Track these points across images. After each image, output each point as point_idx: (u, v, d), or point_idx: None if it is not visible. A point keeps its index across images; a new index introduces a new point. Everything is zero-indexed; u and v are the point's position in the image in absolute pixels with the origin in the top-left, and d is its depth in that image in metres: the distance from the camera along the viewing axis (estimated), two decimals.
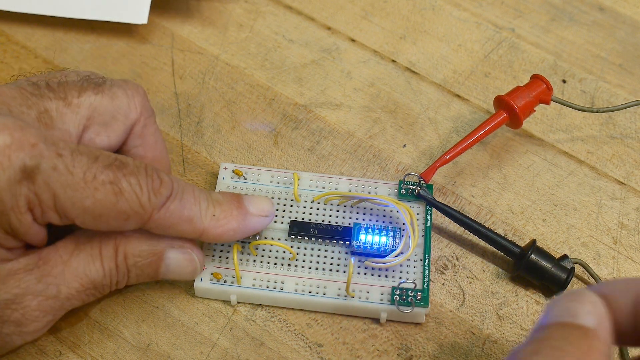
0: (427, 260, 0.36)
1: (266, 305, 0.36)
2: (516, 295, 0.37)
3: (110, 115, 0.33)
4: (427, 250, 0.36)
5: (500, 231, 0.39)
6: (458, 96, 0.44)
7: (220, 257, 0.36)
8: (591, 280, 0.37)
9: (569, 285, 0.36)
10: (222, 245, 0.36)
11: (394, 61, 0.45)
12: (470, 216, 0.37)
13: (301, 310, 0.36)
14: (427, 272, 0.36)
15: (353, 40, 0.46)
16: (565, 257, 0.36)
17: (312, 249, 0.37)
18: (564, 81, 0.45)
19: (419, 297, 0.35)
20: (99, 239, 0.32)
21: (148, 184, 0.31)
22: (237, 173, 0.39)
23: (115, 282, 0.33)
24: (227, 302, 0.36)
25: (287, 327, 0.35)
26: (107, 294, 0.35)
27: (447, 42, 0.46)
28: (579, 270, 0.37)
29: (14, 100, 0.31)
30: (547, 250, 0.37)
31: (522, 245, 0.37)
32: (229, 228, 0.33)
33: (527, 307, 0.36)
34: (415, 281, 0.35)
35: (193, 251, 0.34)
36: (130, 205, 0.30)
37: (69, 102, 0.32)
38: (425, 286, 0.35)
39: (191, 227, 0.32)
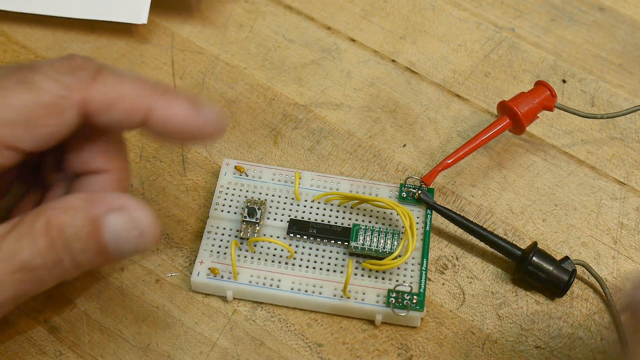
0: (425, 264, 0.36)
1: (266, 305, 0.36)
2: (516, 295, 0.37)
3: None
4: (425, 254, 0.36)
5: (500, 231, 0.39)
6: (458, 96, 0.44)
7: (218, 252, 0.36)
8: (592, 280, 0.37)
9: (570, 287, 0.36)
10: (221, 240, 0.37)
11: (394, 61, 0.45)
12: (470, 218, 0.37)
13: (301, 310, 0.36)
14: (424, 276, 0.36)
15: (353, 40, 0.46)
16: (566, 258, 0.36)
17: (311, 248, 0.37)
18: (564, 81, 0.45)
19: (414, 301, 0.35)
20: (31, 216, 0.28)
21: (66, 64, 0.28)
22: (238, 169, 0.39)
23: (56, 262, 0.28)
24: (227, 302, 0.36)
25: (287, 327, 0.35)
26: (81, 281, 0.33)
27: (447, 42, 0.46)
28: (580, 271, 0.37)
29: None
30: (548, 251, 0.37)
31: (523, 247, 0.37)
32: (181, 113, 0.29)
33: (527, 307, 0.36)
34: (411, 284, 0.35)
35: (135, 211, 0.29)
36: (54, 91, 0.27)
37: None
38: (421, 290, 0.35)
39: (135, 104, 0.29)
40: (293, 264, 0.36)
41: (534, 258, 0.36)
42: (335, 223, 0.37)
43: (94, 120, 0.29)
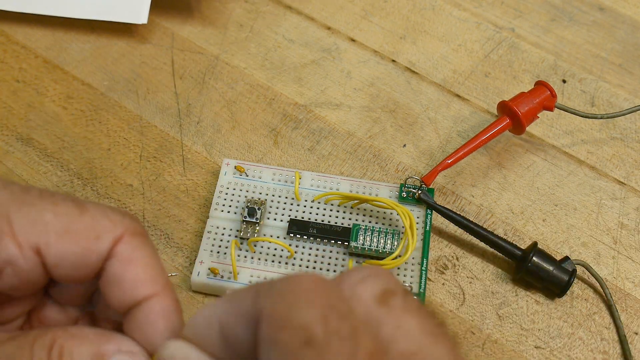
0: (425, 264, 0.36)
1: None
2: (516, 295, 0.37)
3: None
4: (425, 254, 0.36)
5: (500, 231, 0.39)
6: (458, 96, 0.44)
7: (218, 252, 0.36)
8: (592, 280, 0.37)
9: (570, 287, 0.36)
10: (221, 240, 0.36)
11: (394, 61, 0.45)
12: (470, 218, 0.37)
13: None
14: (424, 275, 0.36)
15: (353, 40, 0.46)
16: (566, 258, 0.36)
17: (311, 248, 0.37)
18: (564, 81, 0.45)
19: None
20: (38, 331, 0.27)
21: (117, 209, 0.27)
22: (238, 169, 0.39)
23: None
24: None
25: None
26: None
27: (447, 42, 0.46)
28: (580, 271, 0.37)
29: None
30: (548, 251, 0.37)
31: (524, 247, 0.37)
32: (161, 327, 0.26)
33: (527, 307, 0.36)
34: (411, 284, 0.35)
35: None
36: (98, 217, 0.27)
37: None
38: (421, 290, 0.35)
39: (142, 286, 0.27)
40: (293, 264, 0.36)
41: (534, 258, 0.36)
42: (335, 223, 0.37)
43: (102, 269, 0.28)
